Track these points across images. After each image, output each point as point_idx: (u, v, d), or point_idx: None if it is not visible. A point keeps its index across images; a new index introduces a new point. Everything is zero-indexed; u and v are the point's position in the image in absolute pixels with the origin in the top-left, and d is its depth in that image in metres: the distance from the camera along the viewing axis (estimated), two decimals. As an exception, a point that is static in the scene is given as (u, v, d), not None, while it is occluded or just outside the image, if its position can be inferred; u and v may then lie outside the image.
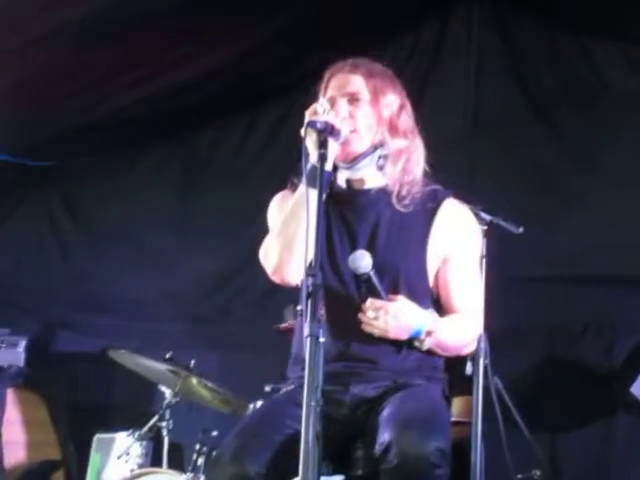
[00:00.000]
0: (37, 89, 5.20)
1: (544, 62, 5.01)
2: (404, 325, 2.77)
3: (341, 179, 2.98)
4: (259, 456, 2.59)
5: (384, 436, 2.55)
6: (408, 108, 3.01)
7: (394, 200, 2.91)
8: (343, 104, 2.89)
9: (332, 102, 2.89)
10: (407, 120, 2.98)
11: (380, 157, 2.92)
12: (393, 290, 2.84)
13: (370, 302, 2.76)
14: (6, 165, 6.01)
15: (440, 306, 2.97)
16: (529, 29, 5.06)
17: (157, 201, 6.14)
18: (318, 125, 2.65)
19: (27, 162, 6.18)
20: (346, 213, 2.95)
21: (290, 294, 3.07)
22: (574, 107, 4.90)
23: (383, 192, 2.94)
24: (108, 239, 6.15)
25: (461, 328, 2.92)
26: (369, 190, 2.96)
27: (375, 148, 2.91)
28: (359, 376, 2.85)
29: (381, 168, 2.93)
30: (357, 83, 2.92)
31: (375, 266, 2.78)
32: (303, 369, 2.28)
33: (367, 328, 2.78)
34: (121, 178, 6.28)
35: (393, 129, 2.92)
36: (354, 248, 2.86)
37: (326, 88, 2.97)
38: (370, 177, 2.95)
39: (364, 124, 2.89)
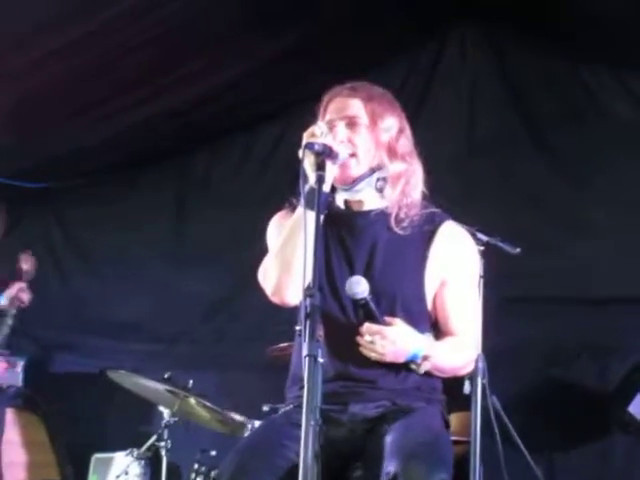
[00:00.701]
0: (35, 111, 5.23)
1: (539, 86, 5.04)
2: (401, 349, 2.77)
3: (339, 200, 2.98)
4: (257, 477, 2.59)
5: (390, 467, 2.53)
6: (407, 132, 3.01)
7: (392, 223, 2.90)
8: (341, 127, 2.89)
9: (330, 125, 2.89)
10: (406, 143, 2.98)
11: (378, 179, 2.91)
12: (390, 314, 2.82)
13: (366, 327, 2.76)
14: (2, 186, 6.03)
15: (438, 329, 2.96)
16: (524, 54, 5.09)
17: (153, 223, 6.17)
18: (316, 147, 2.66)
19: (24, 184, 6.20)
20: (344, 235, 2.95)
21: (286, 316, 3.08)
22: (569, 130, 4.93)
23: (382, 214, 2.93)
24: (104, 261, 6.18)
25: (457, 352, 2.91)
26: (368, 212, 2.95)
27: (373, 171, 2.90)
28: (358, 395, 2.84)
29: (380, 190, 2.92)
30: (355, 107, 2.92)
31: (372, 289, 2.78)
32: (301, 389, 2.29)
33: (364, 352, 2.78)
34: (118, 200, 6.31)
35: (392, 153, 2.92)
36: (352, 271, 2.87)
37: (325, 111, 2.97)
38: (369, 199, 2.95)
39: (362, 148, 2.88)
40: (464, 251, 2.99)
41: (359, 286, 2.73)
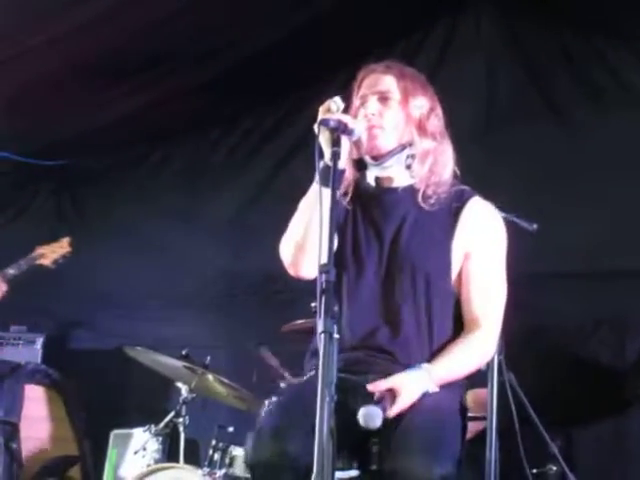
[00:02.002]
0: (49, 90, 5.24)
1: (555, 59, 5.00)
2: (408, 401, 2.74)
3: (370, 177, 3.01)
4: (296, 435, 2.59)
5: (390, 459, 2.58)
6: (438, 111, 3.02)
7: (420, 199, 2.92)
8: (373, 102, 2.93)
9: (363, 100, 2.94)
10: (436, 123, 2.99)
11: (408, 156, 2.94)
12: (413, 289, 2.85)
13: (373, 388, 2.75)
14: (17, 164, 6.06)
15: (460, 310, 2.95)
16: (539, 27, 5.05)
17: (166, 197, 6.18)
18: (331, 123, 2.66)
19: (38, 161, 6.23)
20: (373, 211, 2.97)
21: (298, 290, 3.09)
22: (587, 103, 4.89)
23: (410, 191, 2.95)
24: (117, 237, 6.19)
25: (471, 357, 2.88)
26: (397, 189, 2.97)
27: (403, 147, 2.93)
28: (378, 366, 2.84)
29: (409, 167, 2.94)
30: (388, 83, 2.95)
31: (397, 264, 2.84)
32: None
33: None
34: (130, 176, 6.34)
35: (422, 130, 2.94)
36: (380, 245, 2.90)
37: (359, 87, 3.01)
38: (398, 176, 2.97)
39: (392, 122, 2.91)
40: (490, 226, 2.99)
41: (375, 421, 2.59)
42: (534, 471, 3.59)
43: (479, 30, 5.24)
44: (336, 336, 2.28)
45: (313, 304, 2.77)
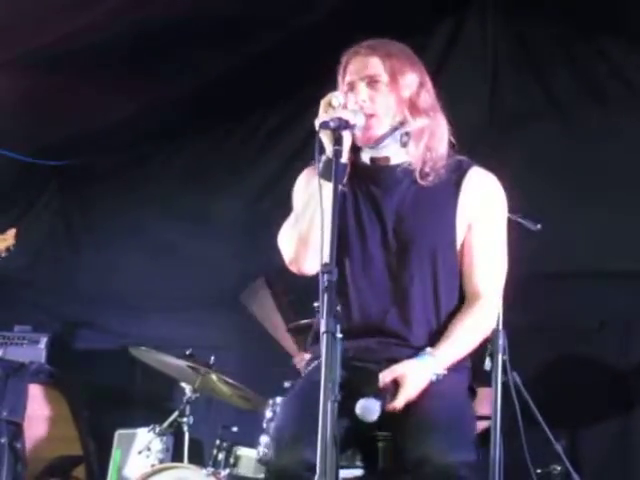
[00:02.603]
0: (54, 91, 5.25)
1: (561, 58, 4.98)
2: (419, 387, 2.75)
3: (365, 158, 2.99)
4: (314, 442, 2.59)
5: (411, 445, 2.58)
6: (428, 85, 3.01)
7: (417, 176, 2.91)
8: (362, 87, 2.90)
9: (351, 86, 2.91)
10: (427, 98, 2.97)
11: (402, 134, 2.93)
12: (419, 265, 2.86)
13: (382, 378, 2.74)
14: (23, 164, 6.06)
15: (461, 282, 2.96)
16: (545, 25, 5.03)
17: (170, 197, 6.18)
18: (331, 124, 2.65)
19: (43, 161, 6.24)
20: (373, 190, 2.95)
21: (303, 288, 3.08)
22: (591, 103, 4.87)
23: (408, 168, 2.94)
24: (121, 236, 6.19)
25: (476, 332, 2.89)
26: (394, 167, 2.96)
27: (396, 128, 2.91)
28: (388, 353, 2.84)
29: (405, 145, 2.94)
30: (375, 65, 2.92)
31: (403, 241, 2.85)
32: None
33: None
34: (135, 176, 6.34)
35: (414, 108, 2.92)
36: (382, 225, 2.90)
37: (345, 72, 2.97)
38: (394, 154, 2.96)
39: (384, 107, 2.89)
40: (492, 196, 3.00)
41: (372, 414, 2.60)
42: (538, 471, 3.57)
43: (484, 30, 5.22)
44: (339, 336, 2.27)
45: (316, 304, 2.77)
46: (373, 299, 2.87)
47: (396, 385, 2.71)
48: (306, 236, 2.79)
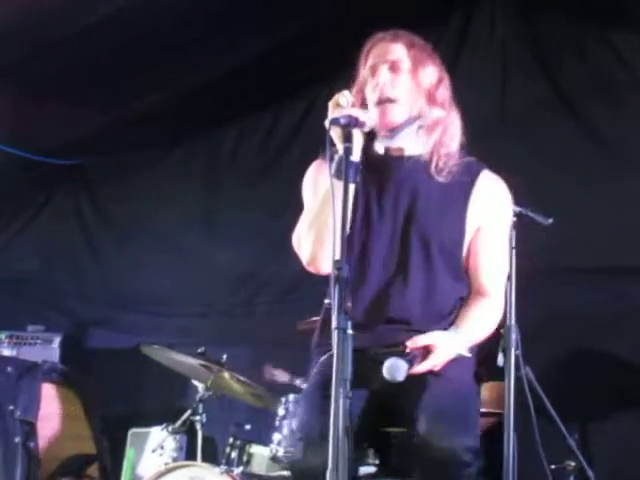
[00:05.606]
0: (66, 88, 5.25)
1: (570, 53, 4.97)
2: (444, 359, 2.80)
3: (379, 147, 3.00)
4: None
5: (419, 428, 2.61)
6: (446, 82, 3.04)
7: (432, 171, 2.93)
8: (384, 71, 2.92)
9: (373, 70, 2.93)
10: (445, 93, 3.01)
11: (419, 127, 2.95)
12: (428, 258, 2.88)
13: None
14: (34, 164, 6.07)
15: (468, 279, 3.01)
16: (554, 19, 5.02)
17: (184, 198, 6.19)
18: (342, 121, 2.65)
19: (55, 161, 6.24)
20: (384, 180, 2.97)
21: (312, 289, 3.08)
22: (602, 97, 4.86)
23: (421, 161, 2.96)
24: (135, 236, 6.21)
25: (488, 324, 2.95)
26: (408, 158, 2.97)
27: (415, 119, 2.93)
28: (395, 337, 2.85)
29: (419, 137, 2.96)
30: (398, 51, 2.95)
31: (415, 234, 2.87)
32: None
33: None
34: (148, 175, 6.34)
35: (431, 99, 2.95)
36: (394, 216, 2.91)
37: (367, 57, 2.99)
38: (409, 145, 2.98)
39: (404, 92, 2.91)
40: (501, 201, 3.04)
41: (399, 373, 2.65)
42: (552, 466, 3.57)
43: (493, 24, 5.21)
44: (350, 332, 2.28)
45: (327, 300, 2.78)
46: (376, 289, 2.89)
47: (425, 351, 2.75)
48: (322, 236, 2.78)
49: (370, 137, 2.92)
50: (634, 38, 4.80)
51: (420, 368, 2.72)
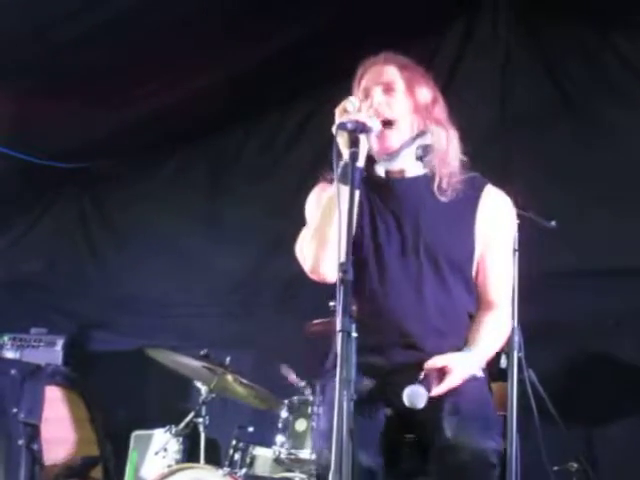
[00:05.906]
0: (66, 93, 5.25)
1: (573, 55, 4.98)
2: (459, 380, 2.81)
3: (380, 170, 3.00)
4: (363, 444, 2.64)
5: (445, 433, 2.63)
6: (441, 102, 3.04)
7: (435, 190, 2.94)
8: (378, 93, 2.92)
9: (366, 93, 2.93)
10: (441, 112, 3.01)
11: (418, 147, 2.95)
12: (440, 277, 2.89)
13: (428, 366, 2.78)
14: (37, 167, 6.07)
15: (477, 295, 3.02)
16: (556, 23, 5.03)
17: (186, 201, 6.19)
18: (349, 126, 2.66)
19: (59, 165, 6.24)
20: (389, 202, 2.97)
21: (315, 291, 3.08)
22: (604, 100, 4.87)
23: (423, 181, 2.96)
24: (138, 239, 6.21)
25: (499, 338, 2.95)
26: (410, 179, 2.98)
27: (414, 139, 2.94)
28: (404, 357, 2.87)
29: (420, 158, 2.96)
30: (391, 73, 2.96)
31: (424, 254, 2.88)
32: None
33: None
34: (151, 179, 6.34)
35: (429, 118, 2.95)
36: (401, 236, 2.91)
37: (360, 80, 3.00)
38: (409, 166, 2.98)
39: (400, 113, 2.91)
40: (506, 215, 3.04)
41: (420, 399, 2.65)
42: (555, 468, 3.58)
43: (496, 29, 5.22)
44: (354, 335, 2.28)
45: (332, 303, 2.79)
46: (389, 309, 2.89)
47: (441, 372, 2.76)
48: (326, 240, 2.78)
49: (370, 161, 2.91)
50: (638, 40, 4.81)
51: (437, 390, 2.73)
